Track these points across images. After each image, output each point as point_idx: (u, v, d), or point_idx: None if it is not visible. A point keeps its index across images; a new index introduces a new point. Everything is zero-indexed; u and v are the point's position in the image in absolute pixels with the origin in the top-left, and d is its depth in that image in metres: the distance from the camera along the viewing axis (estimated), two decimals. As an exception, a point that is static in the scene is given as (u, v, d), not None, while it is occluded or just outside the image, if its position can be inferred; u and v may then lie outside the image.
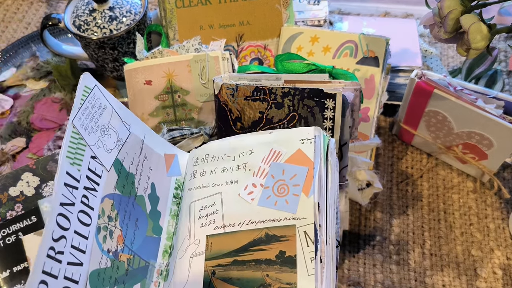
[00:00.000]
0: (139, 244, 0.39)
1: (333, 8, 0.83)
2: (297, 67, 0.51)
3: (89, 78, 0.37)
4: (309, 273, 0.35)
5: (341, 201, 0.49)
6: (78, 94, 0.35)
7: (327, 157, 0.39)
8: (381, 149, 0.68)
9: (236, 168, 0.42)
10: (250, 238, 0.38)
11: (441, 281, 0.57)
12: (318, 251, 0.35)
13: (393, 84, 0.69)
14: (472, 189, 0.64)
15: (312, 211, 0.36)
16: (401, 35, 0.71)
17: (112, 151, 0.38)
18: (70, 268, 0.31)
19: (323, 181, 0.38)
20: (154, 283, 0.40)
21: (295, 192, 0.38)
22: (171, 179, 0.44)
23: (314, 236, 0.35)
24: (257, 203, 0.39)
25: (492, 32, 0.45)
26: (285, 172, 0.39)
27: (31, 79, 0.76)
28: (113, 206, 0.37)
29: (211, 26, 0.64)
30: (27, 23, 0.86)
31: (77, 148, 0.34)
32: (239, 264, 0.37)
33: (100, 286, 0.34)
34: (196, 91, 0.56)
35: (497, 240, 0.60)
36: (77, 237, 0.33)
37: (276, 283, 0.35)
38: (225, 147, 0.44)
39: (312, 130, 0.40)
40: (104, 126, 0.38)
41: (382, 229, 0.61)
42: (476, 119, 0.57)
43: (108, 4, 0.65)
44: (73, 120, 0.34)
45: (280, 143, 0.41)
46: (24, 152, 0.68)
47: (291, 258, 0.36)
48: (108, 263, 0.36)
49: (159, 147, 0.44)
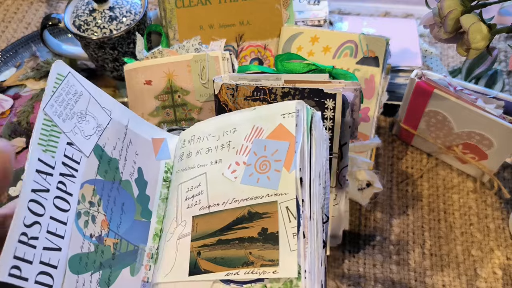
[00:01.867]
0: (126, 228, 0.40)
1: (333, 8, 0.83)
2: (297, 67, 0.51)
3: (62, 65, 0.37)
4: (291, 249, 0.34)
5: (341, 201, 0.49)
6: (49, 82, 0.35)
7: (311, 131, 0.38)
8: (381, 149, 0.68)
9: (221, 147, 0.41)
10: (234, 217, 0.37)
11: (441, 281, 0.57)
12: (300, 227, 0.34)
13: (393, 84, 0.69)
14: (472, 189, 0.64)
15: (294, 186, 0.35)
16: (401, 35, 0.71)
17: (91, 137, 0.38)
18: (47, 253, 0.32)
19: (306, 155, 0.36)
20: (144, 266, 0.40)
21: (277, 168, 0.37)
22: (160, 162, 0.44)
23: (297, 212, 0.35)
24: (240, 181, 0.38)
25: (492, 32, 0.45)
26: (267, 148, 0.38)
27: (31, 79, 0.76)
28: (95, 192, 0.37)
29: (211, 26, 0.64)
30: (27, 23, 0.86)
31: (50, 135, 0.34)
32: (223, 243, 0.37)
33: (83, 270, 0.35)
34: (196, 91, 0.56)
35: (497, 240, 0.60)
36: (53, 223, 0.33)
37: (259, 260, 0.35)
38: (210, 127, 0.43)
39: (294, 104, 0.38)
40: (81, 112, 0.38)
41: (382, 229, 0.61)
42: (476, 119, 0.57)
43: (108, 4, 0.65)
44: (44, 108, 0.34)
45: (262, 119, 0.40)
46: (24, 152, 0.68)
47: (273, 235, 0.35)
48: (92, 248, 0.36)
49: (145, 132, 0.44)
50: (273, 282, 0.34)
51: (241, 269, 0.35)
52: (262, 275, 0.34)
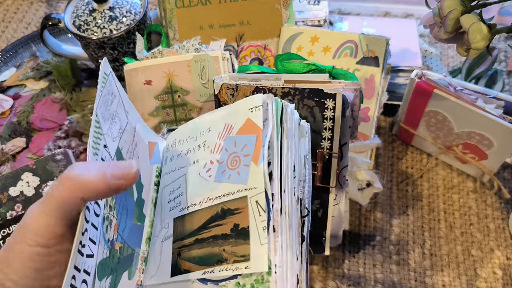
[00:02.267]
0: (128, 232, 0.39)
1: (333, 8, 0.83)
2: (297, 67, 0.51)
3: (107, 64, 0.36)
4: (261, 243, 0.33)
5: (341, 201, 0.49)
6: (99, 82, 0.34)
7: (282, 123, 0.37)
8: (381, 149, 0.68)
9: (198, 148, 0.41)
10: (208, 215, 0.37)
11: (441, 281, 0.57)
12: (270, 220, 0.33)
13: (393, 84, 0.69)
14: (472, 189, 0.64)
15: (262, 180, 0.34)
16: (401, 35, 0.71)
17: (115, 140, 0.37)
18: (87, 260, 0.31)
19: (276, 148, 0.36)
20: (138, 269, 0.40)
21: (246, 163, 0.36)
22: (153, 167, 0.44)
23: (266, 205, 0.34)
24: (214, 179, 0.38)
25: (492, 32, 0.45)
26: (237, 143, 0.38)
27: (31, 79, 0.76)
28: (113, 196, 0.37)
29: (211, 26, 0.64)
30: (27, 23, 0.86)
31: (97, 138, 0.33)
32: (200, 242, 0.37)
33: (102, 276, 0.34)
34: (196, 91, 0.56)
35: (497, 240, 0.60)
36: (92, 229, 0.32)
37: (231, 257, 0.34)
38: (189, 129, 0.43)
39: (261, 97, 0.38)
40: (113, 114, 0.37)
41: (382, 229, 0.61)
42: (476, 119, 0.57)
43: (108, 4, 0.65)
44: (97, 109, 0.33)
45: (232, 115, 0.39)
46: (24, 152, 0.68)
47: (245, 230, 0.34)
48: (107, 253, 0.35)
49: (145, 135, 0.44)
50: (245, 278, 0.33)
51: (216, 266, 0.35)
52: (235, 271, 0.34)
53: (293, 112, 0.38)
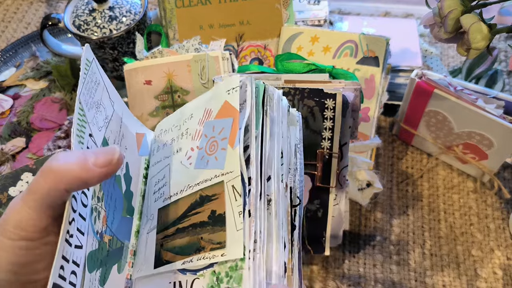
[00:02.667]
0: (116, 225, 0.38)
1: (333, 8, 0.83)
2: (297, 67, 0.51)
3: (89, 50, 0.35)
4: (237, 228, 0.31)
5: (341, 201, 0.49)
6: (81, 68, 0.33)
7: (264, 106, 0.35)
8: (381, 149, 0.68)
9: (181, 136, 0.40)
10: (188, 204, 0.36)
11: (441, 281, 0.57)
12: (246, 205, 0.32)
13: (393, 84, 0.68)
14: (472, 189, 0.64)
15: (238, 163, 0.33)
16: (401, 35, 0.71)
17: (102, 129, 0.36)
18: (75, 251, 0.30)
19: (253, 131, 0.34)
20: (128, 263, 0.39)
21: (223, 146, 0.35)
22: (141, 158, 0.43)
23: (242, 189, 0.32)
24: (194, 166, 0.37)
25: (493, 32, 0.45)
26: (215, 128, 0.36)
27: (31, 79, 0.76)
28: (101, 186, 0.36)
29: (211, 26, 0.64)
30: (27, 23, 0.86)
31: (81, 126, 0.32)
32: (180, 232, 0.36)
33: (91, 268, 0.33)
34: (196, 91, 0.56)
35: (497, 240, 0.60)
36: (80, 219, 0.31)
37: (208, 244, 0.33)
38: (173, 118, 0.43)
39: (238, 78, 0.36)
40: (98, 102, 0.35)
41: (382, 229, 0.61)
42: (476, 119, 0.57)
43: (108, 4, 0.65)
44: (80, 96, 0.32)
45: (211, 99, 0.38)
46: (24, 152, 0.68)
47: (221, 216, 0.33)
48: (96, 245, 0.34)
49: (132, 125, 0.43)
50: (221, 265, 0.32)
51: (194, 255, 0.34)
52: (212, 259, 0.32)
53: (280, 97, 0.37)
